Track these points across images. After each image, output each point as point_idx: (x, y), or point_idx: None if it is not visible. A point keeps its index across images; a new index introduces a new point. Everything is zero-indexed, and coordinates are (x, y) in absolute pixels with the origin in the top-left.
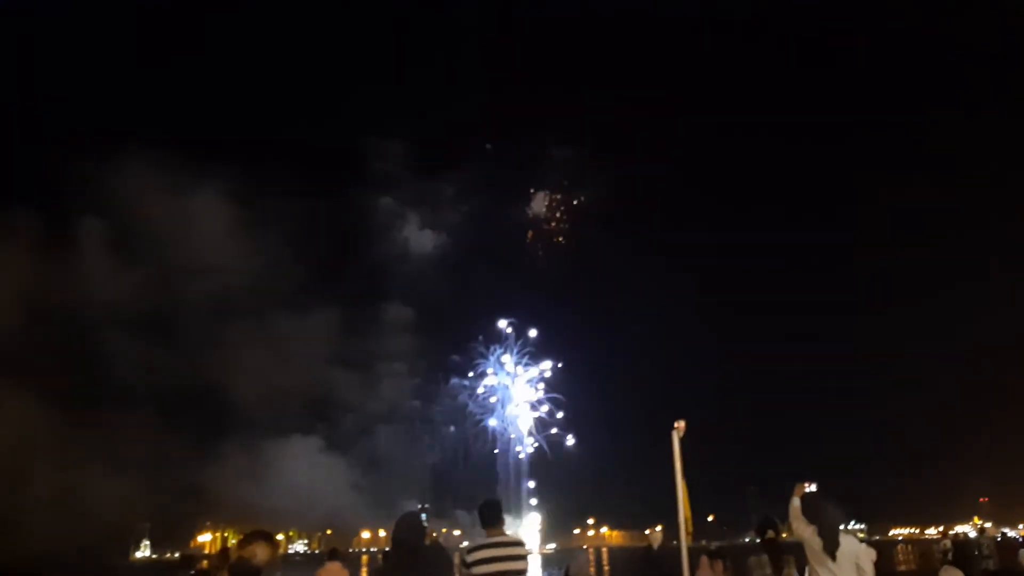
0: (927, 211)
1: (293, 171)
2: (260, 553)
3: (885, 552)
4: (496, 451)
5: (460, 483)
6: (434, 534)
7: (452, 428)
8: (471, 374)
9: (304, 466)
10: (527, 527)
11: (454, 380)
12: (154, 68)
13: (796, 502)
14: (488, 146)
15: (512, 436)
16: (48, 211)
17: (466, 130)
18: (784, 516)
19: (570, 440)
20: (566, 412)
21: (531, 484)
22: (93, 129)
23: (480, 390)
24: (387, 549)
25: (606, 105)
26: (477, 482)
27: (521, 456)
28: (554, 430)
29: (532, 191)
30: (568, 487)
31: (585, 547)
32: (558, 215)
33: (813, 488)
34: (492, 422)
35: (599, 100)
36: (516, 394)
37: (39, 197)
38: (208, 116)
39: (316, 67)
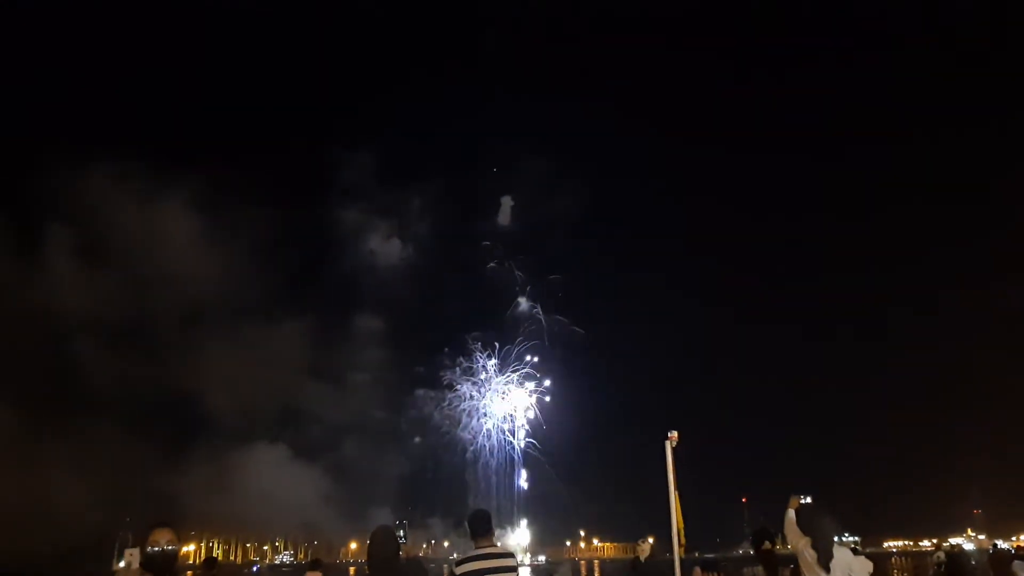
0: (925, 216)
1: (261, 181)
2: (162, 539)
3: (879, 564)
4: (467, 460)
5: (431, 493)
6: (423, 546)
7: (417, 439)
8: (440, 384)
9: (275, 475)
10: (516, 538)
11: (419, 391)
12: (124, 77)
13: (791, 514)
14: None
15: (486, 445)
16: (17, 218)
17: (433, 141)
18: (779, 528)
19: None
20: (554, 420)
21: (523, 483)
22: (62, 137)
23: (447, 402)
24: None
25: (577, 115)
26: (450, 492)
27: (492, 463)
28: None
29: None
30: (559, 498)
31: (577, 559)
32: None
33: (808, 500)
34: (484, 414)
35: (570, 110)
36: (495, 402)
37: (8, 204)
38: (177, 126)
39: (284, 78)
